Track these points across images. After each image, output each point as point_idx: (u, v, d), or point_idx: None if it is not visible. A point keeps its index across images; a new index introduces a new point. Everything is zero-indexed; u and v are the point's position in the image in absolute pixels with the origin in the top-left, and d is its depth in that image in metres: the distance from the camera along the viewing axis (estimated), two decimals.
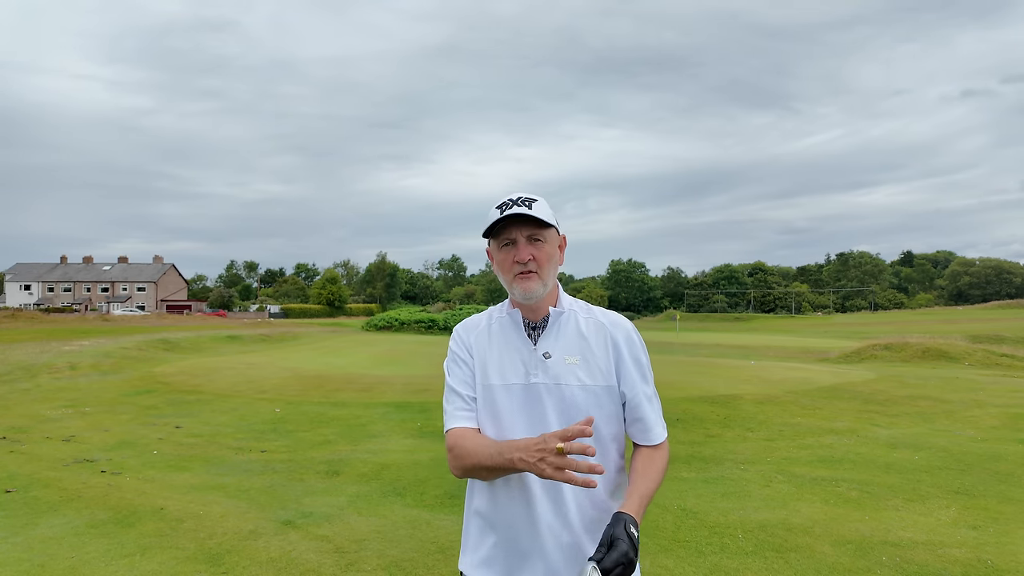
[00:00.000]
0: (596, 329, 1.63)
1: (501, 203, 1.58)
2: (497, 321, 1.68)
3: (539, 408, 1.54)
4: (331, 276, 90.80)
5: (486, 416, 1.59)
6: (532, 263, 1.57)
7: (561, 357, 1.58)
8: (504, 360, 1.60)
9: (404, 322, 38.02)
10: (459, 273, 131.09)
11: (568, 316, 1.64)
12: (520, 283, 1.58)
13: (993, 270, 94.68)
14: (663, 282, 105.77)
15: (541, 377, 1.56)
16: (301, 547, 4.05)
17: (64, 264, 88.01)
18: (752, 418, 8.83)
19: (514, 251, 1.58)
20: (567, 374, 1.56)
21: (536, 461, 1.35)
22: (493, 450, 1.46)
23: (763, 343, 31.34)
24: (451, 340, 1.71)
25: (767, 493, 5.22)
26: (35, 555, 3.90)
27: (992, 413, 9.08)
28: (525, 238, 1.57)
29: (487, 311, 1.73)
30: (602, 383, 1.57)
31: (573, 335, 1.61)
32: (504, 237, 1.59)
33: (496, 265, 1.65)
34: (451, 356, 1.68)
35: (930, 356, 19.74)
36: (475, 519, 1.65)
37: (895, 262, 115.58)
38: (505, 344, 1.63)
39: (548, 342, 1.60)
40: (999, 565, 3.71)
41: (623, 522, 1.39)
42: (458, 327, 1.72)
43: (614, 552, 1.32)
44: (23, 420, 9.14)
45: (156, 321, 44.66)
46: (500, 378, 1.59)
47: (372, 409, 9.86)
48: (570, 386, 1.55)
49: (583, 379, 1.56)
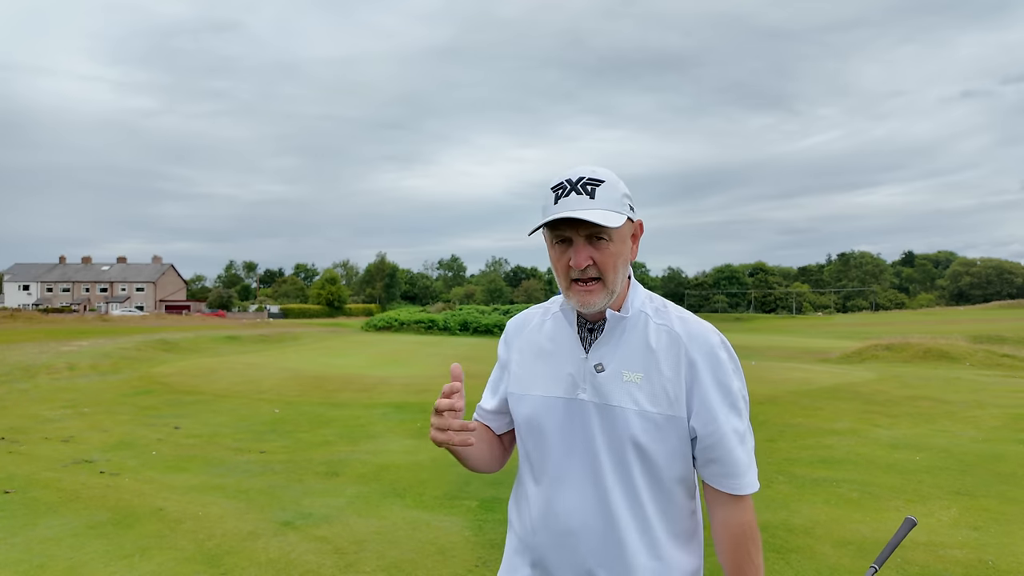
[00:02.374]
0: (668, 341, 1.27)
1: (557, 184, 1.24)
2: (553, 316, 1.38)
3: (583, 431, 1.26)
4: (330, 276, 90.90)
5: (527, 432, 1.33)
6: (592, 268, 1.23)
7: (618, 372, 1.25)
8: (550, 367, 1.32)
9: (404, 322, 37.99)
10: (459, 273, 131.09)
11: (634, 320, 1.29)
12: (577, 294, 1.24)
13: (994, 270, 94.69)
14: (663, 282, 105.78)
15: (589, 394, 1.26)
16: (300, 548, 4.03)
17: (63, 264, 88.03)
18: (752, 418, 8.77)
19: (569, 251, 1.24)
20: (622, 394, 1.24)
21: (432, 434, 1.20)
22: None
23: (764, 343, 31.33)
24: (502, 335, 1.48)
25: (768, 494, 5.20)
26: (34, 556, 3.88)
27: (993, 414, 9.07)
28: (584, 237, 1.22)
29: (546, 302, 1.44)
30: (666, 411, 1.23)
31: (637, 345, 1.27)
32: (558, 232, 1.24)
33: (551, 260, 1.31)
34: (498, 353, 1.48)
35: (931, 356, 19.72)
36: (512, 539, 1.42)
37: (896, 262, 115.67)
38: (555, 347, 1.33)
39: (603, 351, 1.27)
40: (1000, 566, 3.69)
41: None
42: (509, 323, 1.46)
43: None
44: (22, 421, 9.12)
45: (155, 321, 44.64)
46: (543, 388, 1.31)
47: (372, 410, 9.85)
48: (624, 409, 1.23)
49: (642, 403, 1.23)
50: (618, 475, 1.24)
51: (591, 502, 1.25)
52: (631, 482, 1.25)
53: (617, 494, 1.24)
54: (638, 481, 1.25)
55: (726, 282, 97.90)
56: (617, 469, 1.24)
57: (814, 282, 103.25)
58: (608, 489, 1.24)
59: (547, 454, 1.29)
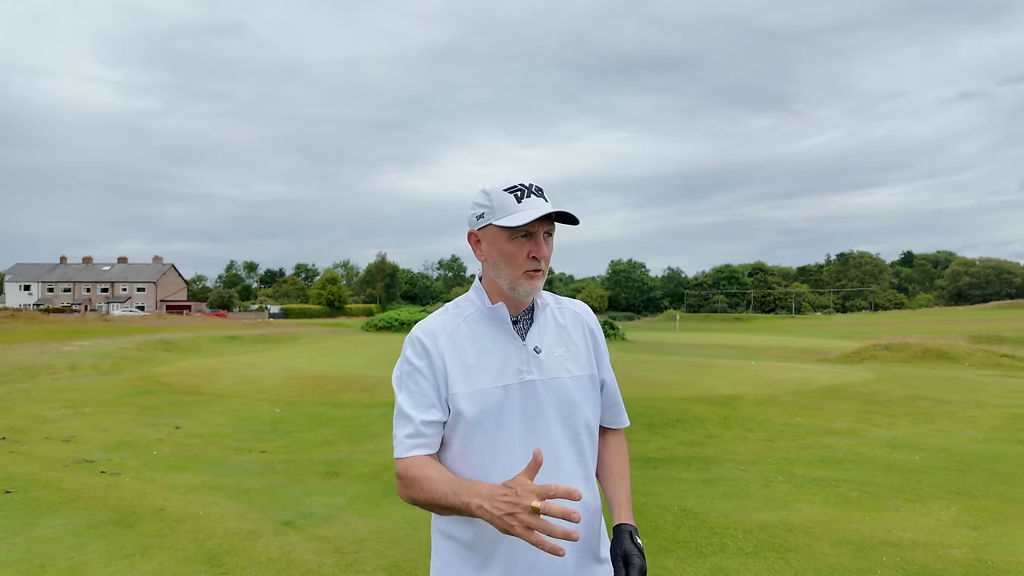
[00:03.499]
0: (572, 318, 1.58)
1: (512, 187, 1.44)
2: (470, 318, 1.50)
3: (536, 407, 1.43)
4: (331, 276, 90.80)
5: (476, 426, 1.41)
6: (543, 261, 1.46)
7: (550, 350, 1.49)
8: (492, 359, 1.45)
9: (404, 322, 37.98)
10: (459, 273, 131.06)
11: (548, 308, 1.57)
12: (530, 280, 1.45)
13: (993, 270, 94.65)
14: (663, 282, 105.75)
15: (536, 374, 1.45)
16: (301, 548, 4.04)
17: (64, 264, 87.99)
18: (752, 418, 8.83)
19: (529, 244, 1.44)
20: (558, 368, 1.48)
21: (502, 515, 1.15)
22: (448, 488, 1.28)
23: (763, 343, 31.34)
24: (406, 349, 1.48)
25: (767, 493, 5.21)
26: (35, 556, 3.89)
27: (992, 413, 9.08)
28: (544, 233, 1.45)
29: (448, 308, 1.54)
30: (587, 372, 1.53)
31: (554, 327, 1.54)
32: (524, 227, 1.43)
33: (497, 254, 1.46)
34: (405, 368, 1.46)
35: (930, 356, 19.73)
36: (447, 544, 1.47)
37: (895, 262, 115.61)
38: (490, 342, 1.47)
39: (536, 336, 1.50)
40: (999, 566, 3.70)
41: (628, 534, 1.36)
42: (417, 333, 1.48)
43: (632, 570, 1.31)
44: (23, 421, 9.13)
45: (156, 321, 44.64)
46: (490, 380, 1.43)
47: (372, 409, 9.86)
48: (563, 379, 1.47)
49: (572, 371, 1.50)
50: (567, 436, 1.46)
51: (549, 468, 1.39)
52: (578, 440, 1.48)
53: (567, 453, 1.45)
54: (583, 438, 1.49)
55: (725, 282, 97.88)
56: (566, 432, 1.46)
57: (813, 282, 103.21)
58: (561, 457, 1.44)
59: (505, 438, 1.41)
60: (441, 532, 1.47)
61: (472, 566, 1.40)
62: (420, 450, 1.40)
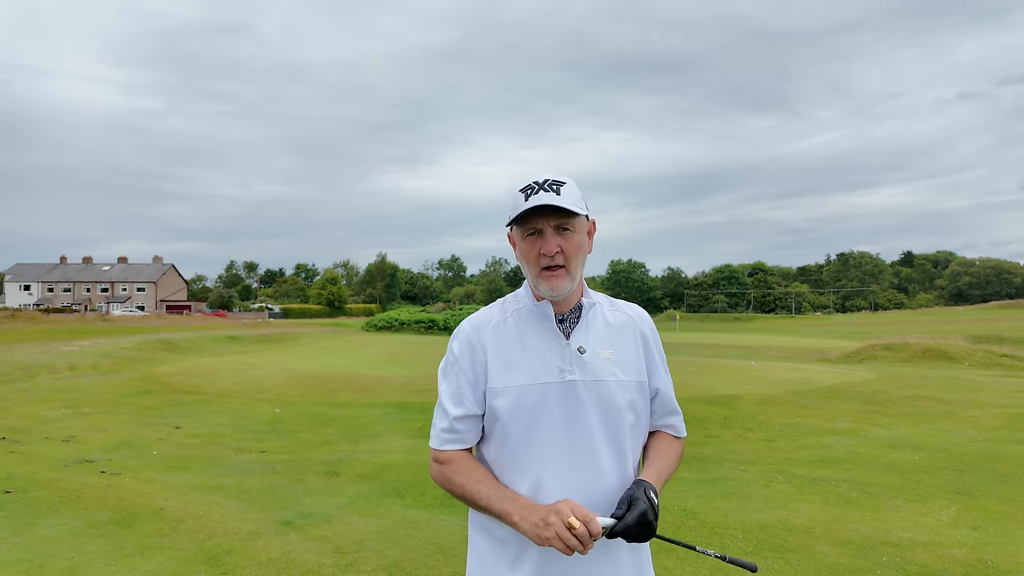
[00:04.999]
0: (624, 322, 1.53)
1: (525, 186, 1.43)
2: (516, 314, 1.51)
3: (577, 408, 1.41)
4: (331, 276, 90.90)
5: (512, 421, 1.42)
6: (559, 256, 1.42)
7: (595, 352, 1.45)
8: (533, 357, 1.44)
9: (404, 322, 38.02)
10: (459, 273, 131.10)
11: (596, 308, 1.53)
12: (547, 279, 1.43)
13: (993, 270, 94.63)
14: (663, 282, 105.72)
15: (578, 374, 1.42)
16: (301, 547, 4.04)
17: (64, 264, 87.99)
18: (752, 418, 8.83)
19: (540, 242, 1.43)
20: (603, 370, 1.44)
21: (540, 531, 1.27)
22: (491, 494, 1.37)
23: (763, 343, 31.34)
24: (453, 340, 1.50)
25: (767, 493, 5.21)
26: (35, 555, 3.89)
27: (992, 413, 9.08)
28: (552, 228, 1.43)
29: (498, 303, 1.56)
30: (635, 379, 1.48)
31: (603, 328, 1.50)
32: (529, 226, 1.44)
33: (519, 255, 1.49)
34: (449, 359, 1.49)
35: (930, 356, 19.73)
36: (482, 537, 1.50)
37: (895, 262, 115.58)
38: (533, 339, 1.46)
39: (581, 336, 1.46)
40: (999, 565, 3.70)
41: (643, 487, 1.35)
42: (465, 326, 1.51)
43: (633, 511, 1.30)
44: (23, 420, 9.13)
45: (156, 321, 44.63)
46: (530, 377, 1.42)
47: (372, 409, 9.86)
48: (607, 383, 1.43)
49: (619, 375, 1.45)
50: (609, 442, 1.43)
51: (587, 469, 1.41)
52: (621, 447, 1.45)
53: (607, 458, 1.43)
54: (626, 444, 1.46)
55: (725, 282, 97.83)
56: (607, 436, 1.43)
57: (813, 282, 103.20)
58: (600, 460, 1.42)
59: (542, 437, 1.41)
60: (478, 526, 1.50)
61: (506, 562, 1.43)
62: (453, 444, 1.46)
